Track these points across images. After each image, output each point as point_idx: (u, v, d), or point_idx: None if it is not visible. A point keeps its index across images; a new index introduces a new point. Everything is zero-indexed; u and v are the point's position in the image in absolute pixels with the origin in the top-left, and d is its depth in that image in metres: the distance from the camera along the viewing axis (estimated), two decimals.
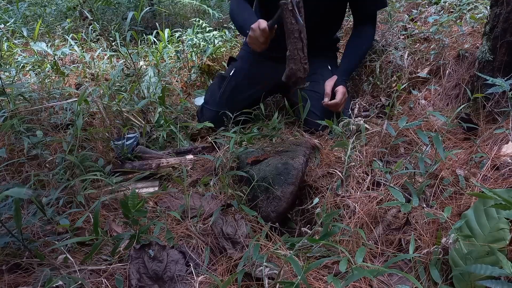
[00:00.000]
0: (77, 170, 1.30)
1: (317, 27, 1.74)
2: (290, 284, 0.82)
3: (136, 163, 1.45)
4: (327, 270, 1.04)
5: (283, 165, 1.31)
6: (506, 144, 1.23)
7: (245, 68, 1.84)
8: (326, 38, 1.84)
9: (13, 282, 0.94)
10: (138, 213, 1.05)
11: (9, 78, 2.16)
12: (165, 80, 2.31)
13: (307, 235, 1.14)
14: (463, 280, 0.89)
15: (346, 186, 1.27)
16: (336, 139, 1.55)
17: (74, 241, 1.04)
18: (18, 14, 3.62)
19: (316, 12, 1.69)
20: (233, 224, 1.15)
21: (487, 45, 1.43)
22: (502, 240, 0.89)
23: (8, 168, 1.33)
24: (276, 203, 1.25)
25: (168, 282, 0.97)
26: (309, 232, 1.13)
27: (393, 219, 1.14)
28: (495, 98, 1.38)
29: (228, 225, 1.15)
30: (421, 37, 2.05)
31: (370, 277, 0.84)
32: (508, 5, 1.33)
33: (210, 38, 2.66)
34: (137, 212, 1.04)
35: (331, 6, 1.69)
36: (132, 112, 1.78)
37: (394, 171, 1.25)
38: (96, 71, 2.48)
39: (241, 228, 1.15)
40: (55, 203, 1.20)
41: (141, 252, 1.02)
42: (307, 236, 1.13)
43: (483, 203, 0.97)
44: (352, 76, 2.15)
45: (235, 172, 1.37)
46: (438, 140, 1.12)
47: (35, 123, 1.59)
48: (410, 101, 1.74)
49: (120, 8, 3.43)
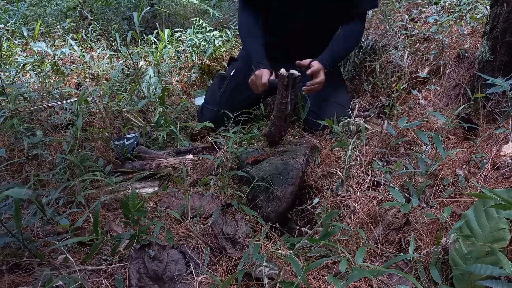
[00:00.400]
0: (77, 170, 1.30)
1: (317, 27, 1.74)
2: (290, 284, 0.82)
3: (136, 163, 1.45)
4: (327, 270, 1.04)
5: (283, 165, 1.31)
6: (506, 144, 1.23)
7: (245, 68, 1.84)
8: (326, 38, 1.83)
9: (13, 282, 0.94)
10: (138, 213, 1.05)
11: (9, 78, 2.16)
12: (165, 80, 2.31)
13: (307, 235, 1.14)
14: (463, 280, 0.89)
15: (346, 186, 1.27)
16: (336, 139, 1.55)
17: (74, 241, 1.04)
18: (18, 14, 3.62)
19: (316, 12, 1.69)
20: (233, 224, 1.15)
21: (487, 45, 1.43)
22: (502, 240, 0.89)
23: (8, 168, 1.33)
24: (276, 203, 1.25)
25: (168, 282, 0.97)
26: (309, 232, 1.13)
27: (393, 219, 1.14)
28: (495, 98, 1.38)
29: (228, 225, 1.15)
30: (421, 37, 2.05)
31: (370, 277, 0.84)
32: (508, 5, 1.33)
33: (210, 38, 2.66)
34: (137, 212, 1.04)
35: (331, 6, 1.69)
36: (132, 112, 1.78)
37: (394, 171, 1.25)
38: (96, 71, 2.48)
39: (241, 228, 1.15)
40: (55, 203, 1.20)
41: (141, 252, 1.02)
42: (307, 236, 1.13)
43: (483, 203, 0.97)
44: (352, 76, 2.15)
45: (235, 172, 1.37)
46: (438, 140, 1.12)
47: (35, 123, 1.59)
48: (410, 101, 1.74)
49: (120, 8, 3.42)
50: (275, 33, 1.79)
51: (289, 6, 1.69)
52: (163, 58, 2.58)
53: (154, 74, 2.22)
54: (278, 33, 1.79)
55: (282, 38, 1.78)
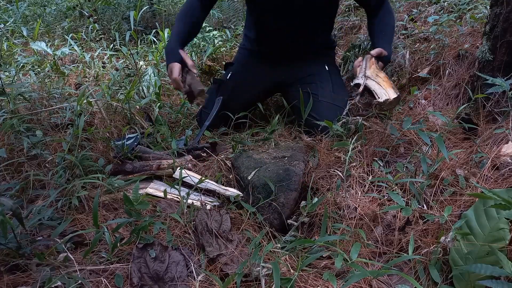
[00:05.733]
0: (77, 170, 1.30)
1: (314, 28, 1.73)
2: (287, 281, 0.83)
3: (136, 164, 1.45)
4: (328, 271, 1.03)
5: (284, 172, 1.29)
6: (506, 144, 1.23)
7: (242, 70, 1.84)
8: (323, 38, 1.83)
9: (12, 282, 0.94)
10: (141, 205, 1.05)
11: (9, 78, 2.16)
12: (165, 80, 2.31)
13: (293, 227, 1.15)
14: (463, 280, 0.89)
15: (347, 187, 1.27)
16: (335, 140, 1.54)
17: (73, 235, 1.04)
18: (18, 14, 3.62)
19: (312, 13, 1.68)
20: (218, 219, 1.15)
21: (487, 45, 1.42)
22: (502, 240, 0.89)
23: (8, 168, 1.33)
24: (279, 210, 1.23)
25: (169, 283, 0.97)
26: (295, 224, 1.13)
27: (393, 219, 1.14)
28: (495, 98, 1.38)
29: (212, 219, 1.15)
30: (421, 37, 2.05)
31: (371, 277, 0.84)
32: (508, 5, 1.33)
33: (210, 38, 2.65)
34: (140, 204, 1.04)
35: (324, 4, 1.67)
36: (133, 111, 1.78)
37: (394, 171, 1.25)
38: (96, 71, 2.48)
39: (225, 223, 1.14)
40: (55, 204, 1.20)
41: (143, 251, 1.02)
42: (293, 227, 1.14)
43: (483, 203, 0.97)
44: (352, 75, 2.14)
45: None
46: (440, 140, 1.12)
47: (35, 123, 1.59)
48: (410, 101, 1.74)
49: (120, 8, 3.42)
50: (267, 33, 1.77)
51: (274, 5, 1.67)
52: (163, 58, 2.57)
53: (154, 74, 2.22)
54: (269, 33, 1.77)
55: (277, 37, 1.77)
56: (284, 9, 1.66)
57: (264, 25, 1.76)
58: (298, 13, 1.67)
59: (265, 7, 1.70)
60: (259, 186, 1.28)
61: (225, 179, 1.40)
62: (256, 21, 1.78)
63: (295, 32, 1.72)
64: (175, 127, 1.86)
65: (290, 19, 1.68)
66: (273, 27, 1.73)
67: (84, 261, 1.01)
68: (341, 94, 1.73)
